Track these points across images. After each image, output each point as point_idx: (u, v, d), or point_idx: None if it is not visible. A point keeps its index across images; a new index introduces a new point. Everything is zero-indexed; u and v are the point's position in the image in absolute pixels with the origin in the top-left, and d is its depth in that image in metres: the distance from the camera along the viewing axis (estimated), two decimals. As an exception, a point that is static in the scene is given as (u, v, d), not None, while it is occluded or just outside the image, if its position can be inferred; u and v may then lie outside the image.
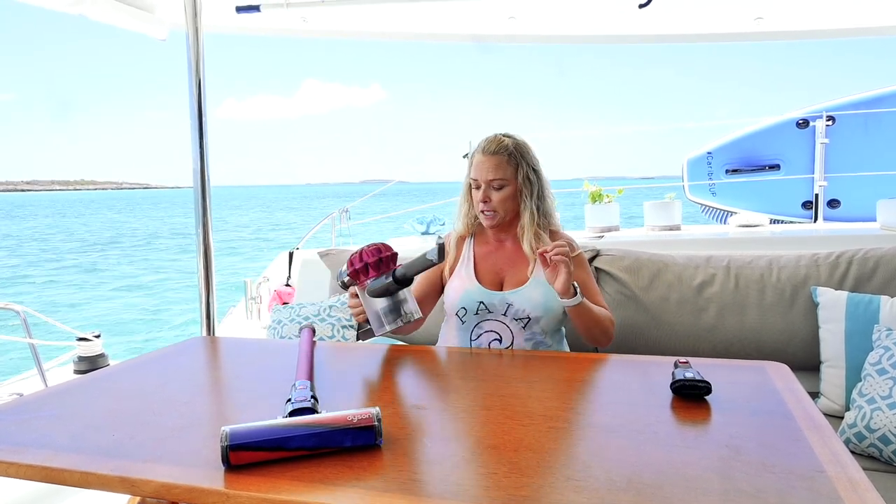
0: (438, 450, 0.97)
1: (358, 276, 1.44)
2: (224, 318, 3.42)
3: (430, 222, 4.13)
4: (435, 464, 0.92)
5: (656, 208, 3.81)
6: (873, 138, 4.81)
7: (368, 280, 1.43)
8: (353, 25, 3.25)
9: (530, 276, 1.71)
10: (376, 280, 1.41)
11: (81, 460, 0.96)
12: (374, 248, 1.43)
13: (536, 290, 1.69)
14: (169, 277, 17.29)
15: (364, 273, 1.42)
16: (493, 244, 1.81)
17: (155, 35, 2.78)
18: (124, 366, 1.52)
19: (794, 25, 3.25)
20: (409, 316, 1.42)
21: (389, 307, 1.42)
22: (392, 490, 0.84)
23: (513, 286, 1.72)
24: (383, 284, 1.40)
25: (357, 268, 1.42)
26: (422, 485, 0.85)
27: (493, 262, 1.78)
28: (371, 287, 1.42)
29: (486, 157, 1.70)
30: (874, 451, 1.54)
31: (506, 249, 1.79)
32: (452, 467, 0.90)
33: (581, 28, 3.36)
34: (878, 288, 1.91)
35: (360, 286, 1.45)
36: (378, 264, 1.41)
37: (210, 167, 2.10)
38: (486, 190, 1.70)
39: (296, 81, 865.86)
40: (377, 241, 1.46)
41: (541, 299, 1.68)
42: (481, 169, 1.70)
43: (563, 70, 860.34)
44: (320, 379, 1.34)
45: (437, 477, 0.87)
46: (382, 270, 1.41)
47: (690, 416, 1.08)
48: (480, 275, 1.76)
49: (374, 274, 1.41)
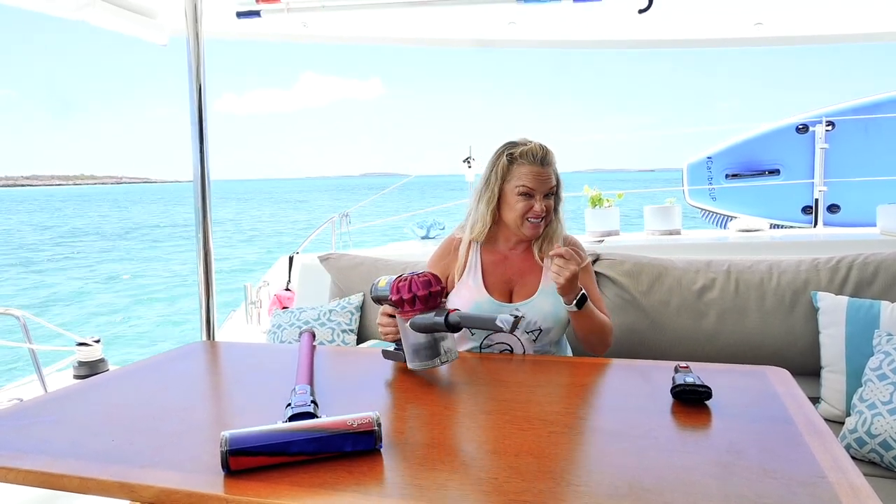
0: (439, 454, 0.96)
1: (402, 305, 1.34)
2: (224, 322, 3.41)
3: (430, 226, 4.13)
4: (435, 469, 0.91)
5: (656, 213, 3.81)
6: (873, 143, 4.82)
7: (413, 312, 1.33)
8: (353, 31, 3.25)
9: (540, 286, 1.70)
10: (425, 315, 1.32)
11: (81, 466, 0.96)
12: (425, 279, 1.33)
13: (546, 301, 1.68)
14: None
15: (410, 304, 1.33)
16: (503, 252, 1.78)
17: (156, 40, 2.79)
18: (124, 371, 1.51)
19: (793, 31, 3.26)
20: (447, 356, 1.34)
21: (429, 344, 1.33)
22: (392, 495, 0.84)
23: (523, 297, 1.71)
24: (431, 323, 1.31)
25: (405, 297, 1.33)
26: (422, 490, 0.85)
27: (503, 272, 1.75)
28: (417, 322, 1.32)
29: (543, 168, 1.67)
30: (875, 457, 1.54)
31: (515, 258, 1.77)
32: (452, 472, 0.90)
33: (581, 33, 3.37)
34: (878, 293, 1.91)
35: (402, 315, 1.35)
36: (427, 298, 1.32)
37: (210, 166, 2.10)
38: (543, 199, 1.67)
39: (294, 74, 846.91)
40: (428, 272, 1.37)
41: (551, 310, 1.67)
42: (539, 180, 1.66)
43: (565, 73, 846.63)
44: (320, 383, 1.34)
45: (437, 482, 0.87)
46: (430, 305, 1.32)
47: (691, 421, 1.08)
48: (489, 284, 1.73)
49: (420, 307, 1.32)
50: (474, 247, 1.79)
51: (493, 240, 1.79)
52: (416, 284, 1.32)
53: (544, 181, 1.67)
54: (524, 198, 1.67)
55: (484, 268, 1.76)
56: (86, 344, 3.00)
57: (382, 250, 3.53)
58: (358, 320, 2.40)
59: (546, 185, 1.68)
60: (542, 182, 1.67)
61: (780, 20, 3.07)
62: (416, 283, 1.32)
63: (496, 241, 1.79)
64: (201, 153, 2.07)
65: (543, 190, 1.67)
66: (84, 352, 3.00)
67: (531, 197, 1.67)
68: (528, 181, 1.66)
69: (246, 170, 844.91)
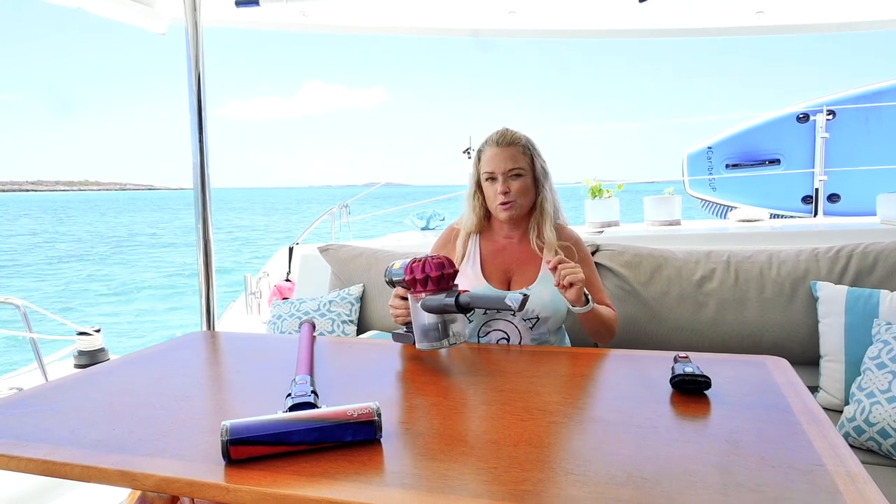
0: (438, 444, 0.97)
1: (415, 285, 1.37)
2: (224, 312, 3.42)
3: (429, 217, 4.13)
4: (435, 458, 0.92)
5: (656, 203, 3.81)
6: (873, 132, 4.81)
7: (425, 292, 1.37)
8: (351, 20, 3.24)
9: (539, 274, 1.70)
10: (436, 296, 1.35)
11: (82, 454, 0.96)
12: (439, 261, 1.37)
13: (545, 290, 1.68)
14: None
15: (423, 284, 1.36)
16: (500, 242, 1.79)
17: (154, 29, 2.77)
18: (124, 360, 1.52)
19: (794, 19, 3.24)
20: (456, 338, 1.37)
21: (439, 324, 1.36)
22: (392, 484, 0.84)
23: (521, 285, 1.71)
24: (442, 304, 1.33)
25: (418, 277, 1.36)
26: (422, 479, 0.85)
27: (502, 261, 1.76)
28: (427, 302, 1.35)
29: (500, 148, 1.68)
30: (873, 445, 1.54)
31: (513, 247, 1.77)
32: (452, 462, 0.90)
33: (581, 23, 3.35)
34: (877, 282, 1.91)
35: (415, 295, 1.38)
36: (439, 279, 1.35)
37: (212, 168, 2.10)
38: (505, 181, 1.68)
39: (297, 82, 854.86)
40: (442, 255, 1.40)
41: (549, 299, 1.67)
42: (497, 160, 1.68)
43: (565, 67, 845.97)
44: (320, 374, 1.35)
45: (437, 472, 0.87)
46: (442, 286, 1.36)
47: (690, 411, 1.08)
48: (488, 273, 1.74)
49: (433, 287, 1.36)
50: (473, 237, 1.81)
51: (489, 230, 1.82)
52: (430, 266, 1.37)
53: (503, 160, 1.67)
54: (490, 182, 1.71)
55: (482, 257, 1.78)
56: (86, 333, 3.01)
57: (382, 241, 3.54)
58: (358, 311, 2.40)
59: (505, 164, 1.67)
60: (501, 161, 1.67)
61: (781, 8, 3.06)
62: (429, 265, 1.37)
63: (493, 230, 1.81)
64: (201, 143, 2.06)
65: (503, 169, 1.67)
66: (85, 341, 3.01)
67: (495, 180, 1.70)
68: (488, 165, 1.70)
69: (247, 179, 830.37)
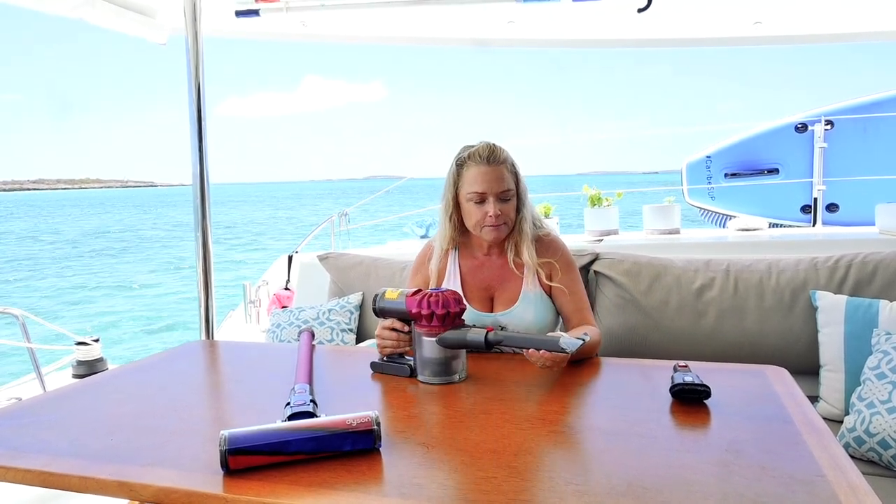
0: (437, 454, 0.96)
1: (420, 319, 1.34)
2: (223, 321, 3.41)
3: (429, 226, 4.13)
4: (434, 468, 0.91)
5: (655, 212, 3.81)
6: (872, 142, 4.82)
7: (441, 328, 1.33)
8: (352, 30, 3.25)
9: (521, 293, 1.65)
10: (456, 331, 1.32)
11: (80, 465, 0.96)
12: (446, 299, 1.33)
13: (528, 310, 1.64)
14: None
15: (427, 320, 1.33)
16: (479, 258, 1.72)
17: (155, 40, 2.79)
18: (122, 370, 1.51)
19: (792, 30, 3.26)
20: (459, 375, 1.35)
21: (445, 360, 1.34)
22: (391, 494, 0.84)
23: (504, 305, 1.67)
24: (463, 341, 1.31)
25: (424, 313, 1.33)
26: (420, 489, 0.85)
27: (482, 279, 1.70)
28: (446, 337, 1.32)
29: (490, 167, 1.59)
30: (873, 456, 1.54)
31: (493, 263, 1.71)
32: (451, 471, 0.90)
33: (580, 32, 3.37)
34: (877, 292, 1.91)
35: (428, 329, 1.34)
36: (444, 318, 1.32)
37: (211, 167, 2.10)
38: (496, 203, 1.59)
39: (297, 78, 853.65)
40: (451, 289, 1.37)
41: (533, 318, 1.64)
42: (487, 180, 1.58)
43: (563, 69, 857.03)
44: (319, 383, 1.34)
45: (436, 481, 0.87)
46: (446, 325, 1.33)
47: (690, 421, 1.08)
48: (469, 293, 1.69)
49: (437, 324, 1.33)
50: (452, 254, 1.74)
51: (468, 245, 1.74)
52: (449, 301, 1.32)
53: (494, 181, 1.58)
54: (477, 204, 1.60)
55: (463, 276, 1.72)
56: (85, 343, 3.00)
57: (381, 249, 3.53)
58: (357, 319, 2.40)
59: (497, 185, 1.58)
60: (493, 182, 1.58)
61: (779, 19, 3.08)
62: (434, 302, 1.32)
63: (471, 247, 1.74)
64: (200, 152, 2.07)
65: (495, 191, 1.58)
66: (83, 351, 3.00)
67: (484, 202, 1.59)
68: (477, 185, 1.59)
69: (248, 174, 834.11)
